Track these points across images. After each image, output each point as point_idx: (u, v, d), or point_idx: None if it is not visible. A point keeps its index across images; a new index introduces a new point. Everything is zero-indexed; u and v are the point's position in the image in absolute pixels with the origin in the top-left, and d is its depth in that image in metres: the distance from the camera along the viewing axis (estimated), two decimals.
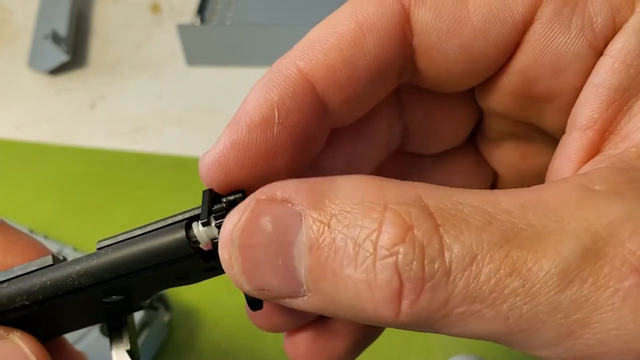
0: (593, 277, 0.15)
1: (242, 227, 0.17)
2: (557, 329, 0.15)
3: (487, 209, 0.16)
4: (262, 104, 0.19)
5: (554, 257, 0.15)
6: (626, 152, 0.17)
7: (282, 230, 0.17)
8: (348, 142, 0.23)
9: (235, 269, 0.17)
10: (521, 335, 0.15)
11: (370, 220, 0.16)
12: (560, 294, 0.15)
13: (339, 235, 0.16)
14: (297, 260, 0.17)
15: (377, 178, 0.17)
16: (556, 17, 0.19)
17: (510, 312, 0.15)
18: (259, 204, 0.17)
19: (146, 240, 0.19)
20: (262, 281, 0.17)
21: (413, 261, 0.15)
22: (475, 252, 0.15)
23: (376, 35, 0.19)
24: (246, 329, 0.44)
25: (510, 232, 0.15)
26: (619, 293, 0.14)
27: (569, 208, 0.15)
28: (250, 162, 0.19)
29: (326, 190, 0.17)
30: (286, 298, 0.17)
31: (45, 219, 0.51)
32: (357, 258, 0.16)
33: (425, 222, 0.16)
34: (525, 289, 0.15)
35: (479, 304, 0.15)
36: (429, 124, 0.24)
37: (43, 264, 0.21)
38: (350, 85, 0.20)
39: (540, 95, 0.20)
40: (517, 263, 0.15)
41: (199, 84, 0.61)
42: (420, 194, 0.16)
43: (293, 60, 0.20)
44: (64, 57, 0.62)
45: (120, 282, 0.20)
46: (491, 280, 0.15)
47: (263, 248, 0.17)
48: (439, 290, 0.15)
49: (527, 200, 0.16)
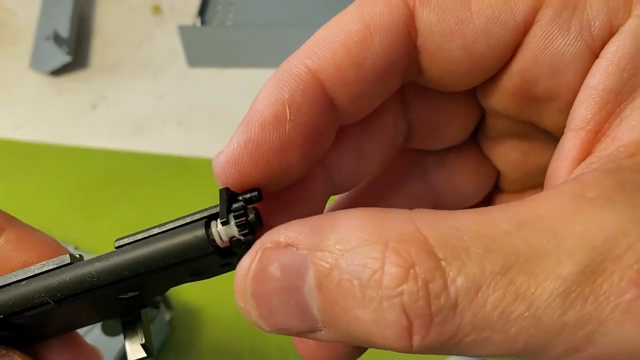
0: (594, 295, 0.15)
1: (253, 277, 0.18)
2: (564, 346, 0.16)
3: (485, 232, 0.16)
4: (273, 102, 0.20)
5: (555, 279, 0.15)
6: (615, 152, 0.18)
7: (290, 275, 0.17)
8: (355, 140, 0.23)
9: (253, 315, 0.18)
10: (531, 353, 0.16)
11: (372, 261, 0.16)
12: (564, 314, 0.15)
13: (344, 276, 0.17)
14: (309, 299, 0.17)
15: (376, 212, 0.18)
16: (556, 20, 0.19)
17: (518, 336, 0.16)
18: (265, 252, 0.18)
19: (166, 238, 0.20)
20: (280, 322, 0.18)
21: (419, 299, 0.16)
22: (480, 282, 0.16)
23: (382, 35, 0.20)
24: (247, 328, 0.44)
25: (511, 257, 0.16)
26: (620, 307, 0.15)
27: (564, 223, 0.16)
28: (264, 159, 0.20)
29: (327, 230, 0.17)
30: (306, 334, 0.18)
31: (46, 218, 0.52)
32: (364, 300, 0.16)
33: (426, 258, 0.16)
34: (530, 313, 0.15)
35: (488, 331, 0.16)
36: (433, 122, 0.24)
37: (61, 262, 0.21)
38: (358, 83, 0.20)
39: (540, 95, 0.21)
40: (520, 289, 0.15)
41: (199, 85, 0.62)
42: (419, 227, 0.17)
43: (302, 59, 0.20)
44: (66, 58, 0.62)
45: (139, 279, 0.20)
46: (498, 308, 0.15)
47: (275, 293, 0.18)
48: (447, 324, 0.16)
49: (523, 218, 0.16)
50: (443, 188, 0.26)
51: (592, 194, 0.16)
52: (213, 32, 0.61)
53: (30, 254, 0.24)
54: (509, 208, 0.17)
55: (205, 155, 0.55)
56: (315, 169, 0.22)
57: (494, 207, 0.17)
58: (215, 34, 0.61)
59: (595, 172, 0.17)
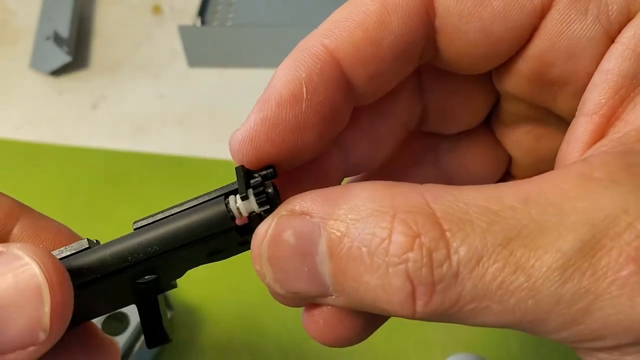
0: (592, 269, 0.16)
1: (269, 242, 0.19)
2: (562, 318, 0.16)
3: (491, 206, 0.17)
4: (290, 80, 0.20)
5: (555, 253, 0.16)
6: (627, 135, 0.18)
7: (304, 241, 0.18)
8: (370, 121, 0.24)
9: (268, 278, 0.19)
10: (529, 324, 0.17)
11: (380, 229, 0.17)
12: (562, 287, 0.16)
13: (354, 243, 0.17)
14: (321, 266, 0.18)
15: (388, 185, 0.18)
16: (573, 4, 0.19)
17: (517, 306, 0.16)
18: (281, 219, 0.19)
19: (186, 216, 0.20)
20: (293, 286, 0.19)
21: (422, 267, 0.16)
22: (481, 253, 0.16)
23: (400, 15, 0.20)
24: (247, 327, 0.44)
25: (513, 230, 0.16)
26: (616, 282, 0.15)
27: (569, 200, 0.16)
28: (280, 137, 0.20)
29: (340, 200, 0.18)
30: (317, 298, 0.19)
31: None
32: (372, 265, 0.17)
33: (431, 229, 0.17)
34: (529, 285, 0.16)
35: (487, 301, 0.16)
36: (447, 105, 0.25)
37: (80, 247, 0.21)
38: (375, 63, 0.20)
39: (555, 79, 0.21)
40: (520, 260, 0.16)
41: (199, 85, 0.62)
42: (427, 199, 0.17)
43: (319, 39, 0.20)
44: (66, 58, 0.62)
45: (158, 260, 0.20)
46: (497, 279, 0.16)
47: (289, 259, 0.18)
48: (449, 292, 0.16)
49: (529, 194, 0.17)
50: (455, 174, 0.26)
51: (599, 174, 0.16)
52: (213, 32, 0.61)
53: (46, 242, 0.24)
54: (517, 185, 0.17)
55: (206, 155, 0.55)
56: (331, 148, 0.23)
57: (503, 184, 0.17)
58: (215, 34, 0.61)
59: (604, 155, 0.17)
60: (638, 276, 0.15)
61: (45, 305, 0.19)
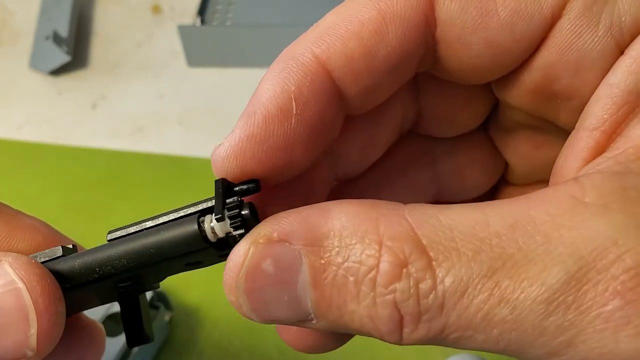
0: (577, 302, 0.15)
1: (246, 274, 0.18)
2: (544, 349, 0.16)
3: (477, 233, 0.16)
4: (278, 94, 0.19)
5: (540, 286, 0.15)
6: (625, 153, 0.17)
7: (284, 270, 0.17)
8: (362, 129, 0.22)
9: (244, 309, 0.18)
10: (512, 352, 0.16)
11: (367, 258, 0.17)
12: (545, 319, 0.15)
13: (339, 272, 0.17)
14: (302, 294, 0.17)
15: (368, 206, 0.17)
16: (585, 14, 0.18)
17: (500, 337, 0.16)
18: (258, 247, 0.18)
19: (158, 233, 0.19)
20: (272, 315, 0.18)
21: (410, 298, 0.16)
22: (467, 284, 0.16)
23: (399, 24, 0.19)
24: (246, 328, 0.44)
25: (499, 260, 0.16)
26: (601, 316, 0.15)
27: (557, 228, 0.16)
28: (267, 154, 0.19)
29: (321, 224, 0.17)
30: (297, 322, 0.18)
31: (46, 219, 0.51)
32: (359, 295, 0.17)
33: (418, 258, 0.16)
34: (513, 317, 0.16)
35: (471, 331, 0.16)
36: (444, 109, 0.24)
37: (53, 255, 0.21)
38: (369, 75, 0.19)
39: (560, 93, 0.20)
40: (505, 292, 0.16)
41: (199, 85, 0.62)
42: (412, 224, 0.17)
43: (309, 47, 0.19)
44: (65, 58, 0.62)
45: (131, 273, 0.20)
46: (481, 310, 0.16)
47: (268, 288, 0.18)
48: (434, 321, 0.16)
49: (516, 220, 0.16)
50: (449, 178, 0.25)
51: (590, 198, 0.16)
52: (213, 32, 0.61)
53: (21, 243, 0.23)
54: (504, 207, 0.17)
55: (205, 155, 0.55)
56: (320, 158, 0.21)
57: (490, 204, 0.17)
58: (214, 33, 0.61)
59: (598, 175, 0.17)
60: (623, 311, 0.15)
61: (31, 328, 0.19)
